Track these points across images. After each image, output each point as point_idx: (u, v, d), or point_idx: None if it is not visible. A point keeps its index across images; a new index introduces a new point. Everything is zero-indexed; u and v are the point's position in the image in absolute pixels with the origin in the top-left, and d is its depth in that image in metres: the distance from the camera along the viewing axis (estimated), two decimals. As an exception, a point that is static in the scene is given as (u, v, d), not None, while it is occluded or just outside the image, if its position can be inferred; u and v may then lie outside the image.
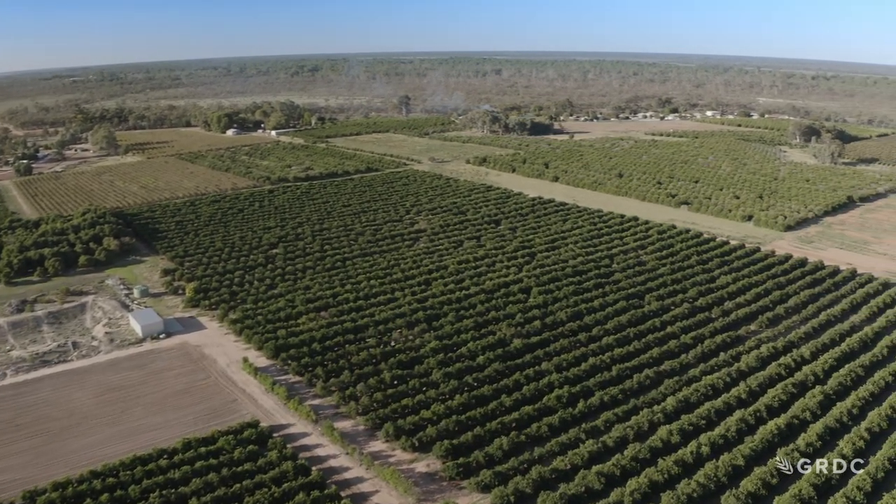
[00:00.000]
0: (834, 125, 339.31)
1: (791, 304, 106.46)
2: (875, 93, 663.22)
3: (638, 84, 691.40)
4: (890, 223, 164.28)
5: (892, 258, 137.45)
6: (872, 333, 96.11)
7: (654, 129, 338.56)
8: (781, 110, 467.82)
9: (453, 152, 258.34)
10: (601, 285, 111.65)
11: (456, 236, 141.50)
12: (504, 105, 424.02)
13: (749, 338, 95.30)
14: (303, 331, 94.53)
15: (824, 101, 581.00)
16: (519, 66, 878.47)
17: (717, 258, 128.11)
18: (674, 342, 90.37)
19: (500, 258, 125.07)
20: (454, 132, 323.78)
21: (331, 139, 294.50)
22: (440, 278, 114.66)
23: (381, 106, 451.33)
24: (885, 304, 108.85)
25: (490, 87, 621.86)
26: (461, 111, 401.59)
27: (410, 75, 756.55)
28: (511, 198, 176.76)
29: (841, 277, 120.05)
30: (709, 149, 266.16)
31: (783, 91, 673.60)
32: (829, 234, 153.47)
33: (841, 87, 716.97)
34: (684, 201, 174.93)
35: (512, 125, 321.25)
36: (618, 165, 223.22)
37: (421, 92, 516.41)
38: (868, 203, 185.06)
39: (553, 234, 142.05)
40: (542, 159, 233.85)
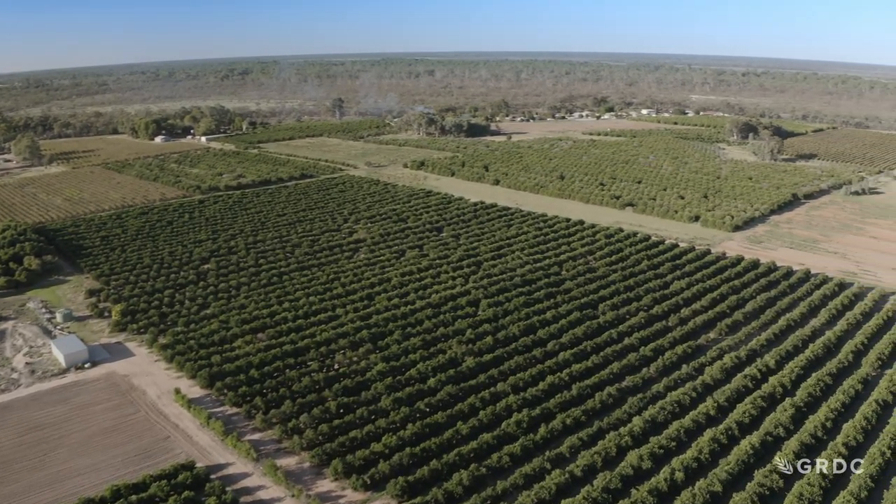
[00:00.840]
0: (770, 122, 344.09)
1: (749, 309, 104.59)
2: (805, 88, 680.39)
3: (571, 83, 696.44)
4: (837, 220, 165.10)
5: (843, 257, 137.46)
6: (835, 338, 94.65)
7: (592, 129, 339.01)
8: (716, 107, 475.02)
9: (390, 156, 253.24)
10: (552, 295, 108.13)
11: (397, 245, 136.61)
12: (439, 106, 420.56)
13: (710, 347, 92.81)
14: (239, 355, 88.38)
15: (756, 97, 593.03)
16: (452, 67, 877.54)
17: (669, 262, 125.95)
18: (633, 355, 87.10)
19: (444, 268, 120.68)
20: (390, 135, 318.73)
21: (263, 144, 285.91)
22: (383, 292, 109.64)
23: (313, 109, 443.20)
24: (844, 305, 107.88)
25: (424, 88, 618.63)
26: (396, 113, 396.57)
27: (343, 77, 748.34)
28: (452, 203, 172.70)
29: (796, 279, 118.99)
30: (648, 148, 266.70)
31: (715, 88, 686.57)
32: (778, 233, 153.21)
33: (772, 83, 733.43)
34: (629, 203, 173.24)
35: (448, 127, 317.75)
36: (558, 167, 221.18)
37: (354, 94, 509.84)
38: (813, 200, 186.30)
39: (498, 241, 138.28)
40: (482, 162, 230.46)
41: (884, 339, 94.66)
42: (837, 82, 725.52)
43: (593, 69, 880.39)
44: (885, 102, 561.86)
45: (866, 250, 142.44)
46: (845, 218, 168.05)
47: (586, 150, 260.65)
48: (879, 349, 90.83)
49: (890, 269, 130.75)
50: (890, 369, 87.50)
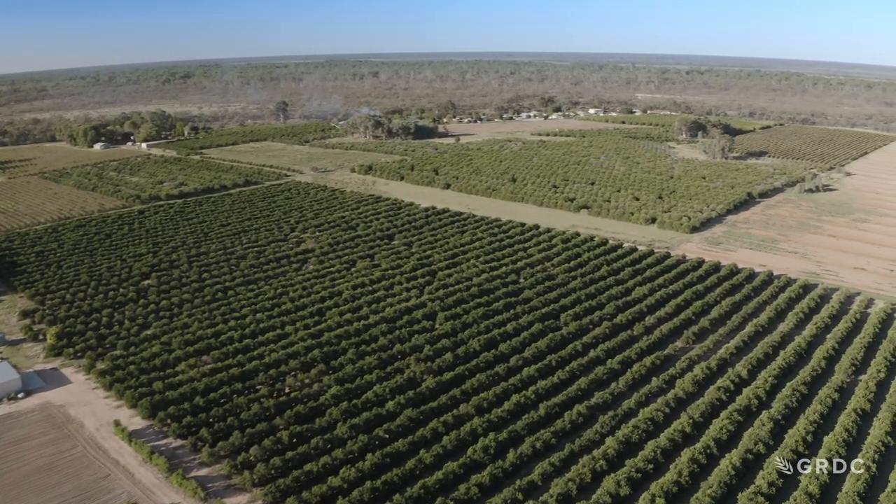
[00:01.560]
0: (719, 119, 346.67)
1: (714, 315, 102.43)
2: (750, 85, 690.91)
3: (517, 83, 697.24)
4: (793, 219, 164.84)
5: (803, 257, 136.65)
6: (805, 344, 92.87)
7: (540, 129, 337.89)
8: (662, 105, 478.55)
9: (337, 160, 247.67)
10: (511, 306, 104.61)
11: (347, 255, 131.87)
12: (385, 108, 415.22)
13: (679, 357, 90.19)
14: (183, 381, 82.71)
15: (701, 95, 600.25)
16: (396, 68, 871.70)
17: (629, 267, 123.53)
18: (600, 369, 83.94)
19: (398, 279, 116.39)
20: (336, 138, 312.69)
21: (205, 150, 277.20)
22: (335, 307, 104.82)
23: (257, 113, 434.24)
24: (811, 308, 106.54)
25: (369, 90, 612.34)
26: (341, 116, 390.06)
27: (286, 80, 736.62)
28: (403, 209, 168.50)
29: (759, 281, 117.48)
30: (599, 148, 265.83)
31: (660, 87, 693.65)
32: (736, 233, 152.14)
33: (716, 81, 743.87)
34: (583, 205, 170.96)
35: (395, 129, 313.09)
36: (510, 169, 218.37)
37: (298, 97, 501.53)
38: (768, 199, 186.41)
39: (452, 249, 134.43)
40: (431, 165, 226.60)
41: (855, 344, 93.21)
42: (781, 79, 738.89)
43: (538, 69, 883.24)
44: (828, 98, 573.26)
45: (826, 249, 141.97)
46: (802, 216, 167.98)
47: (536, 151, 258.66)
48: (852, 354, 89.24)
49: (852, 268, 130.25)
50: (864, 375, 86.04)
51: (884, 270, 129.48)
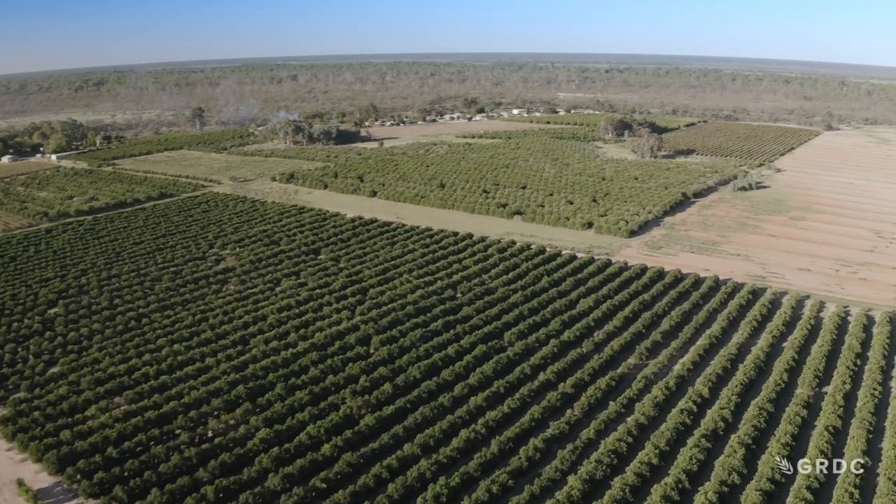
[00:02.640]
0: (644, 118, 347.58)
1: (665, 327, 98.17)
2: (669, 83, 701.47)
3: (438, 84, 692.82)
4: (731, 219, 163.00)
5: (746, 259, 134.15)
6: (764, 356, 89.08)
7: (465, 131, 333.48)
8: (585, 104, 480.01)
9: (256, 169, 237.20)
10: (451, 325, 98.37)
11: (271, 274, 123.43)
12: (305, 112, 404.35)
13: (633, 376, 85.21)
14: (93, 428, 73.21)
15: (622, 93, 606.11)
16: (315, 71, 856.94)
17: (570, 277, 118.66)
18: (553, 394, 78.21)
19: (327, 299, 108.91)
20: (255, 145, 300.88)
21: (118, 161, 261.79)
22: (259, 333, 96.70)
23: (172, 120, 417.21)
24: (763, 315, 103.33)
25: (288, 93, 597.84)
26: (260, 121, 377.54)
27: (203, 84, 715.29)
28: (328, 220, 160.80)
29: (706, 287, 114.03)
30: (526, 150, 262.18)
31: (581, 86, 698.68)
32: (675, 236, 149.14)
33: (635, 79, 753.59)
34: (517, 211, 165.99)
35: (317, 134, 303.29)
36: (437, 174, 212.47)
37: (215, 102, 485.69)
38: (702, 198, 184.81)
39: (383, 263, 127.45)
40: (356, 172, 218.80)
41: (814, 354, 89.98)
42: (699, 76, 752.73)
43: (458, 70, 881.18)
44: (747, 94, 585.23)
45: (767, 250, 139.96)
46: (739, 216, 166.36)
47: (464, 154, 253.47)
48: (813, 366, 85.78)
49: (797, 269, 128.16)
50: (828, 387, 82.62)
51: (829, 271, 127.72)
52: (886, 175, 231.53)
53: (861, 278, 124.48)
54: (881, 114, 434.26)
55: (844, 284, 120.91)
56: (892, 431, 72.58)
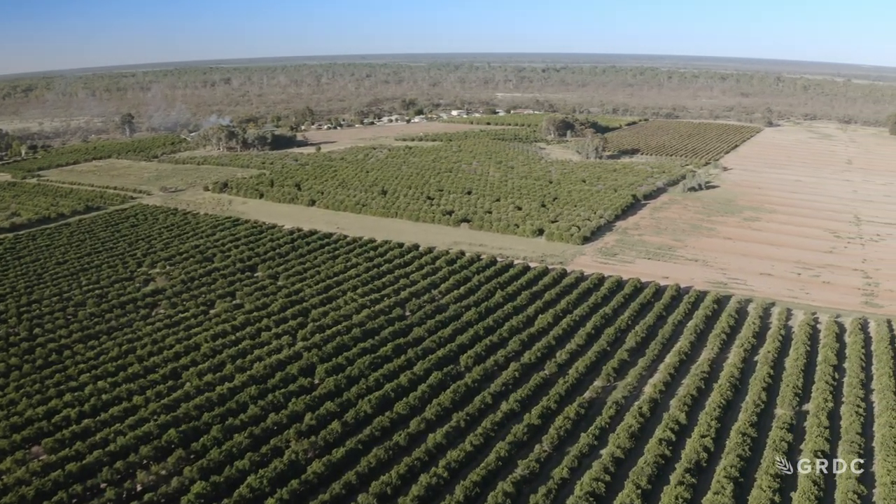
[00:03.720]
0: (586, 117, 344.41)
1: (631, 343, 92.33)
2: (606, 81, 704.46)
3: (374, 86, 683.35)
4: (684, 221, 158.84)
5: (704, 264, 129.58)
6: (738, 373, 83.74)
7: (404, 134, 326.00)
8: (525, 104, 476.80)
9: (188, 178, 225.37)
10: (401, 349, 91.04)
11: (204, 295, 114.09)
12: (239, 117, 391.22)
13: (602, 400, 79.05)
14: (8, 486, 63.60)
15: (560, 92, 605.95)
16: (249, 74, 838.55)
17: (525, 290, 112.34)
18: (518, 427, 71.37)
19: (265, 323, 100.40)
20: (187, 152, 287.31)
21: (43, 172, 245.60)
22: (192, 365, 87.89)
23: (102, 127, 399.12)
24: (731, 326, 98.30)
25: (221, 97, 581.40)
26: (192, 127, 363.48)
27: (134, 89, 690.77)
28: (265, 232, 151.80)
29: (668, 297, 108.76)
30: (469, 152, 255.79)
31: (518, 85, 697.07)
32: (629, 241, 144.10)
33: (573, 77, 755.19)
34: (464, 218, 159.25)
35: (251, 140, 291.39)
36: (378, 180, 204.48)
37: (146, 108, 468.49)
38: (653, 200, 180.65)
39: (325, 280, 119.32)
40: (293, 179, 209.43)
41: (790, 369, 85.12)
42: (636, 74, 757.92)
43: (394, 71, 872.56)
44: (684, 92, 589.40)
45: (725, 254, 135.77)
46: (691, 218, 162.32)
47: (404, 158, 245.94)
48: (791, 382, 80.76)
49: (758, 274, 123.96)
50: (808, 405, 77.71)
51: (790, 275, 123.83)
52: (833, 171, 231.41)
53: (824, 282, 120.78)
54: (819, 109, 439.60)
55: (808, 289, 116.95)
56: (883, 455, 67.78)
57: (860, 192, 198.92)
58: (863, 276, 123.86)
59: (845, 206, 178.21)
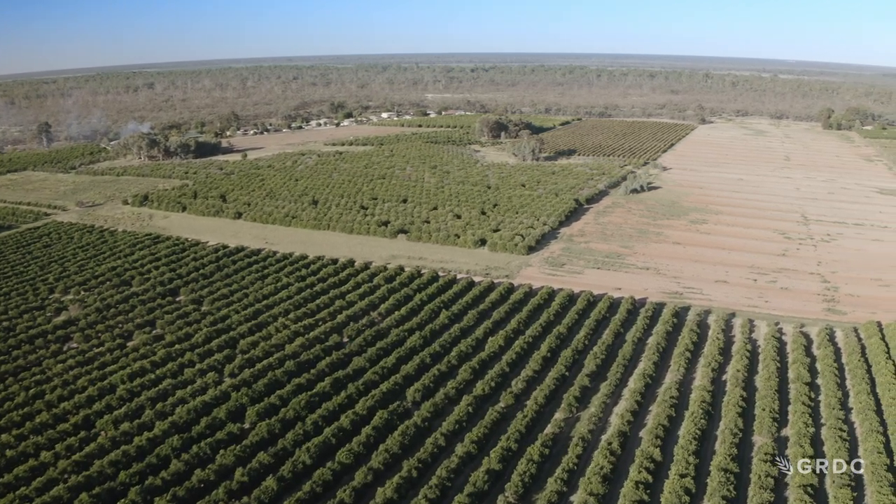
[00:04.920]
0: (519, 118, 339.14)
1: (591, 367, 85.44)
2: (536, 80, 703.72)
3: (301, 88, 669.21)
4: (630, 226, 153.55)
5: (657, 273, 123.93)
6: (709, 397, 77.53)
7: (334, 138, 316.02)
8: (456, 105, 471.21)
9: (106, 190, 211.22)
10: (341, 384, 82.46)
11: (121, 325, 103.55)
12: (162, 123, 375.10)
13: (567, 436, 71.98)
14: None
15: (490, 92, 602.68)
16: (173, 78, 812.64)
17: (472, 309, 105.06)
18: (477, 474, 63.44)
19: (188, 357, 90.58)
20: (106, 162, 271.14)
21: None
22: (107, 411, 77.83)
23: (19, 136, 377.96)
24: (694, 342, 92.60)
25: (144, 102, 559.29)
26: (112, 135, 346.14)
27: (54, 96, 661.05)
28: (188, 250, 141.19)
29: (624, 312, 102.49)
30: (402, 157, 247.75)
31: (448, 86, 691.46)
32: (576, 250, 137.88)
33: (502, 77, 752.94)
34: (401, 229, 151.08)
35: (174, 148, 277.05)
36: (309, 189, 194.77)
37: (66, 115, 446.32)
38: (595, 204, 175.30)
39: (254, 304, 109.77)
40: (217, 190, 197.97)
41: (762, 389, 79.57)
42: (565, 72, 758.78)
43: (321, 73, 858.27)
44: (614, 90, 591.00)
45: (676, 260, 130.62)
46: (637, 223, 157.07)
47: (335, 164, 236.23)
48: (766, 405, 74.98)
49: (713, 282, 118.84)
50: (787, 429, 72.02)
51: (746, 281, 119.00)
52: (772, 169, 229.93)
53: (782, 288, 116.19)
54: (750, 105, 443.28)
55: (767, 296, 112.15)
56: (876, 487, 62.12)
57: (803, 189, 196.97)
58: (821, 281, 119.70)
59: (790, 205, 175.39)
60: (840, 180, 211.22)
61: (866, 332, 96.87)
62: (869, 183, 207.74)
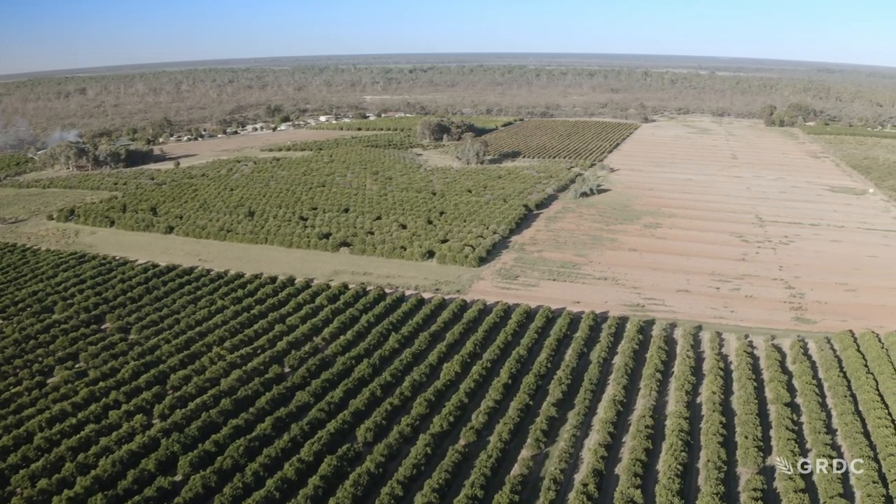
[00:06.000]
0: (461, 119, 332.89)
1: (556, 394, 78.90)
2: (475, 81, 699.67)
3: (237, 92, 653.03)
4: (583, 233, 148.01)
5: (615, 282, 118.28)
6: (686, 423, 71.64)
7: (271, 143, 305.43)
8: (395, 107, 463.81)
9: (31, 205, 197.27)
10: (284, 424, 74.32)
11: (41, 359, 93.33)
12: (92, 131, 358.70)
13: (537, 476, 65.29)
14: None
15: (430, 93, 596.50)
16: (106, 83, 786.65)
17: (423, 331, 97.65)
18: (440, 529, 56.54)
19: (113, 397, 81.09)
20: (33, 174, 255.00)
21: None
22: (23, 465, 68.55)
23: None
24: (663, 362, 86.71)
25: (75, 109, 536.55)
26: (39, 145, 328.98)
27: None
28: (115, 270, 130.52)
29: (586, 328, 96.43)
30: (342, 162, 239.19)
31: (386, 87, 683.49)
32: (528, 260, 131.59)
33: (441, 78, 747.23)
34: (343, 242, 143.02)
35: (103, 157, 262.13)
36: (244, 199, 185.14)
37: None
38: (546, 209, 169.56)
39: (186, 332, 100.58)
40: (148, 202, 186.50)
41: (742, 414, 73.98)
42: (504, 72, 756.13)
43: (258, 75, 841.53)
44: (554, 89, 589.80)
45: (634, 268, 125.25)
46: (590, 228, 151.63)
47: (272, 172, 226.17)
48: (748, 432, 69.42)
49: (674, 291, 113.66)
50: (774, 457, 66.41)
51: (709, 290, 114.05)
52: (720, 168, 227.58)
53: (747, 296, 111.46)
54: (691, 103, 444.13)
55: (732, 305, 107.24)
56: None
57: (753, 189, 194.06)
58: (785, 287, 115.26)
59: (743, 206, 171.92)
60: (789, 178, 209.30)
61: (841, 344, 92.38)
62: (818, 181, 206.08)
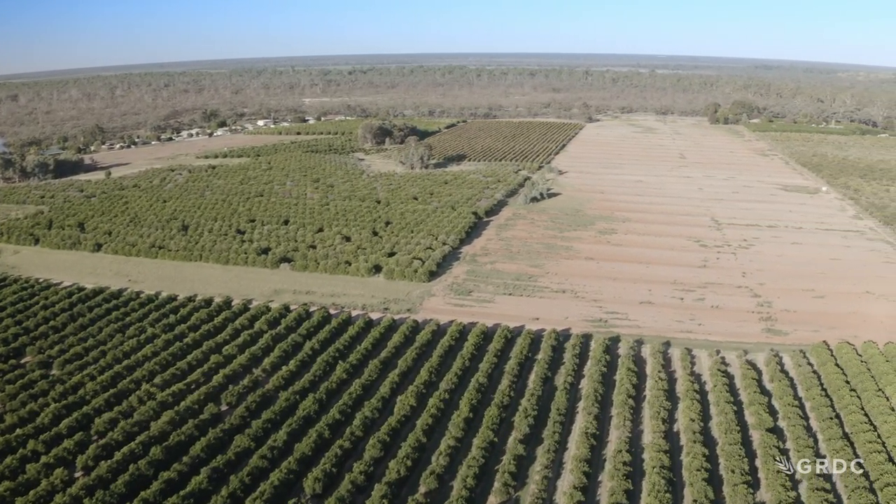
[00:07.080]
0: (404, 122, 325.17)
1: (523, 429, 72.02)
2: (416, 82, 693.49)
3: (173, 96, 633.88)
4: (536, 241, 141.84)
5: (574, 295, 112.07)
6: (667, 458, 65.35)
7: (207, 150, 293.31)
8: (335, 110, 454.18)
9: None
10: (222, 475, 65.93)
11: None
12: (21, 140, 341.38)
13: (506, 532, 58.11)
14: None
15: (369, 95, 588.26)
16: (38, 89, 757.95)
17: (373, 358, 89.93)
18: None
19: (31, 447, 71.57)
20: None
21: None
22: None
23: None
24: (634, 386, 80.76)
25: (5, 117, 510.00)
26: None
27: None
28: (38, 296, 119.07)
29: (549, 349, 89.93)
30: (280, 170, 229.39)
31: (325, 89, 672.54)
32: (481, 272, 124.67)
33: (380, 79, 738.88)
34: (284, 258, 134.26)
35: (31, 168, 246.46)
36: (178, 211, 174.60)
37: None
38: (496, 216, 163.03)
39: (112, 366, 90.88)
40: (76, 217, 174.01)
41: (724, 445, 68.66)
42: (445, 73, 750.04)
43: (194, 79, 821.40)
44: (495, 90, 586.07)
45: (594, 279, 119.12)
46: (543, 236, 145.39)
47: (208, 181, 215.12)
48: (734, 465, 63.86)
49: (637, 303, 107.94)
50: (762, 492, 60.63)
51: (673, 301, 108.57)
52: (670, 168, 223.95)
53: (712, 306, 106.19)
54: (633, 101, 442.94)
55: (699, 318, 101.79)
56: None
57: (706, 189, 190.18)
58: (751, 295, 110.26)
59: (697, 208, 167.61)
60: (740, 178, 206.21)
61: (818, 358, 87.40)
62: (770, 179, 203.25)
